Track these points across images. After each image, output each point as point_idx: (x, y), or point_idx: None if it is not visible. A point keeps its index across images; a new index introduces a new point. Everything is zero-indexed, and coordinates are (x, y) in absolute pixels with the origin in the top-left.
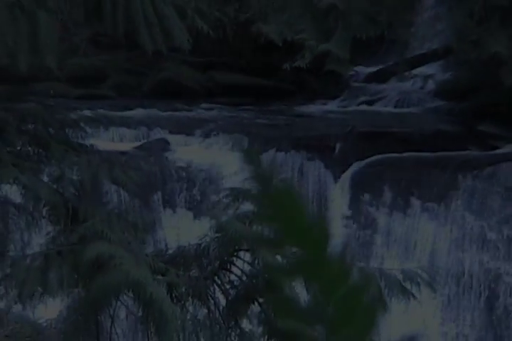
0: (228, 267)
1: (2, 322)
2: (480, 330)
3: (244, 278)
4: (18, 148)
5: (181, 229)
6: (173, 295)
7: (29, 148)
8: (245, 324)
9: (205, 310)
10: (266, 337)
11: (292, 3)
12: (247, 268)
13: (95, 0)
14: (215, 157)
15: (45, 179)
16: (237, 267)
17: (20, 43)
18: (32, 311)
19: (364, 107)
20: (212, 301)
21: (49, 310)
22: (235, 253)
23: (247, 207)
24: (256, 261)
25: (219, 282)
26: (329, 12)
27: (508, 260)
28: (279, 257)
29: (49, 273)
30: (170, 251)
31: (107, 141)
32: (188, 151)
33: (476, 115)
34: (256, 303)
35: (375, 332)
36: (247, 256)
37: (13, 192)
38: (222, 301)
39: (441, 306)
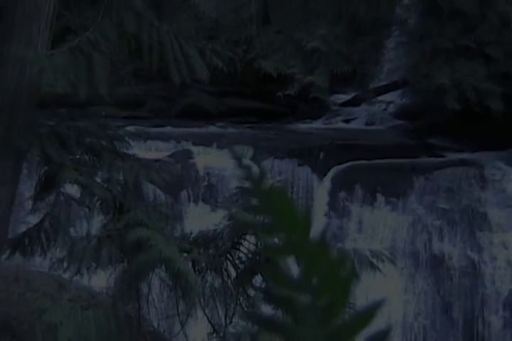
0: (237, 247)
1: (66, 289)
2: (431, 296)
3: (249, 255)
4: (78, 156)
5: (202, 219)
6: (196, 268)
7: (86, 157)
8: (250, 291)
9: (220, 280)
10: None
11: (286, 46)
12: (251, 248)
13: (136, 44)
14: (227, 163)
15: (98, 180)
16: (245, 247)
17: (79, 77)
18: (88, 281)
19: (341, 125)
20: (225, 273)
21: (101, 279)
22: (243, 237)
23: (252, 201)
24: (258, 243)
25: (230, 258)
26: (314, 53)
27: (450, 242)
28: (276, 240)
29: (101, 251)
30: (193, 235)
31: (145, 150)
32: (207, 159)
33: (426, 131)
34: (259, 275)
35: (352, 298)
36: (252, 239)
37: (74, 190)
38: (233, 273)
39: (401, 278)
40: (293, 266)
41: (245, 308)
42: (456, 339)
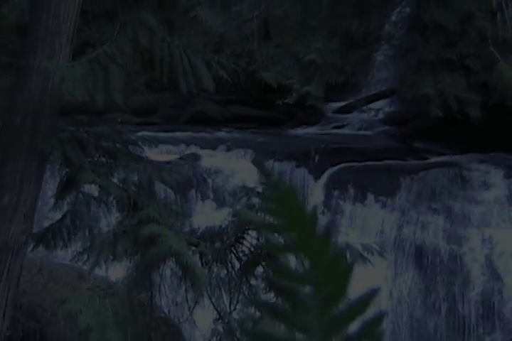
0: (241, 241)
1: (85, 279)
2: (416, 284)
3: (252, 249)
4: (96, 159)
5: (208, 215)
6: (203, 260)
7: (103, 159)
8: (253, 281)
9: (225, 271)
10: (267, 289)
11: (284, 59)
12: (253, 242)
13: (149, 57)
14: (232, 164)
15: (115, 180)
16: (247, 241)
17: (97, 86)
18: (105, 271)
19: (335, 130)
20: (229, 265)
21: (117, 271)
22: (246, 232)
23: (254, 200)
24: (260, 237)
25: (234, 251)
26: (310, 65)
27: (434, 235)
28: (277, 236)
29: (117, 245)
30: (200, 230)
31: (157, 153)
32: (213, 161)
33: (412, 136)
34: (260, 266)
35: (349, 287)
36: (254, 234)
37: (93, 190)
38: (237, 265)
39: (389, 269)
40: (291, 259)
41: (248, 296)
42: (439, 323)
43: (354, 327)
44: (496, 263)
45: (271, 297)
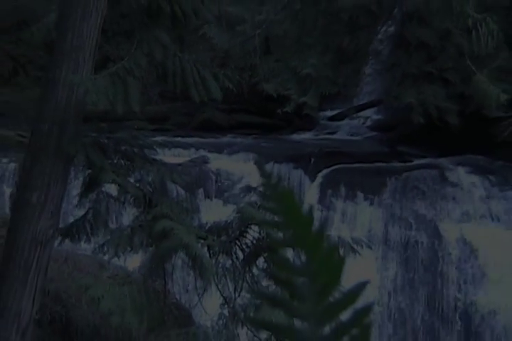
0: (244, 235)
1: (106, 269)
2: (401, 275)
3: (254, 241)
4: (115, 161)
5: (215, 212)
6: (210, 252)
7: (122, 161)
8: (255, 270)
9: (230, 261)
10: (268, 278)
11: (283, 72)
12: (255, 235)
13: (163, 70)
14: (236, 166)
15: (132, 180)
16: (250, 234)
17: (117, 97)
18: (124, 262)
19: (328, 136)
20: (234, 256)
21: (134, 261)
22: (248, 226)
23: (255, 198)
24: (261, 232)
25: (238, 244)
26: (306, 78)
27: (417, 229)
28: (278, 232)
29: (134, 238)
30: (208, 225)
31: (170, 156)
32: (220, 163)
33: (396, 141)
34: (261, 257)
35: (342, 278)
36: (256, 228)
37: (112, 189)
38: (241, 256)
39: (376, 260)
40: (289, 252)
41: (250, 284)
42: (422, 311)
43: (346, 314)
44: (472, 255)
45: (271, 285)
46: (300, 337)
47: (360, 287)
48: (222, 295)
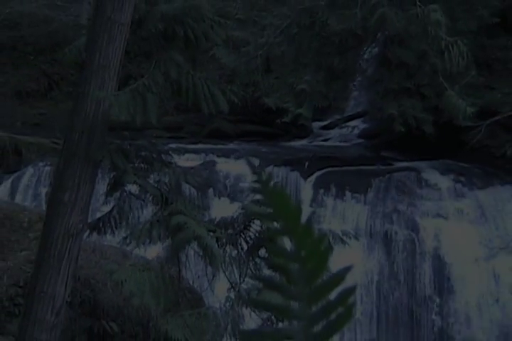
0: (248, 228)
1: (128, 258)
2: (383, 263)
3: (256, 234)
4: (136, 165)
5: (223, 208)
6: (219, 243)
7: (142, 165)
8: (257, 259)
9: (236, 251)
10: (267, 267)
11: (282, 88)
12: (258, 229)
13: (177, 86)
14: (241, 169)
15: (151, 181)
16: (253, 228)
17: (137, 110)
18: (144, 252)
19: (321, 143)
20: (239, 246)
21: (153, 251)
22: (252, 221)
23: (258, 196)
24: (263, 225)
25: (243, 236)
26: (302, 92)
27: (397, 223)
28: (275, 224)
29: (152, 231)
30: (217, 220)
31: (183, 160)
32: (227, 166)
33: (380, 147)
34: (263, 248)
35: (329, 264)
36: (258, 223)
37: (134, 189)
38: (245, 247)
39: (362, 249)
40: (287, 243)
41: (253, 271)
42: (401, 294)
43: (332, 295)
44: (444, 245)
45: (271, 272)
46: (294, 315)
47: (345, 271)
48: (229, 280)
